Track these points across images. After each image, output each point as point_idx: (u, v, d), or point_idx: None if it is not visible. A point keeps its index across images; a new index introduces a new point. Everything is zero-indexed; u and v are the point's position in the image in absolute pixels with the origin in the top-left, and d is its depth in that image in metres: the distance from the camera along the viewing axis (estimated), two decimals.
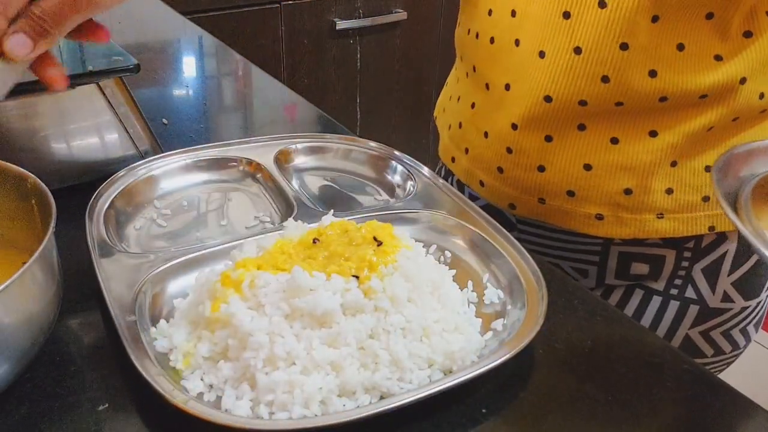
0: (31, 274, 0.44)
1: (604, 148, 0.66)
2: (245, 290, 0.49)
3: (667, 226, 0.68)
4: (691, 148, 0.66)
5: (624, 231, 0.69)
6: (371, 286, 0.49)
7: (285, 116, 1.01)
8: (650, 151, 0.66)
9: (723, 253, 0.71)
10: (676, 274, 0.72)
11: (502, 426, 0.47)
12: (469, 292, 0.57)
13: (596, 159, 0.67)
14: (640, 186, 0.67)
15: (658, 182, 0.67)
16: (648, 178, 0.67)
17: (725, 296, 0.72)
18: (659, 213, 0.68)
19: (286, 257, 0.52)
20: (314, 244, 0.53)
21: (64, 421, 0.46)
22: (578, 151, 0.68)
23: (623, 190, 0.67)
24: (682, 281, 0.72)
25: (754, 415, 0.49)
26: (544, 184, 0.70)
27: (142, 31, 1.28)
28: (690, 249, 0.71)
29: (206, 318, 0.49)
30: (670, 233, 0.69)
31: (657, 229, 0.68)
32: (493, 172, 0.74)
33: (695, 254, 0.71)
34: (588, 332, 0.55)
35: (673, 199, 0.67)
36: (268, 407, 0.45)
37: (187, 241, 0.63)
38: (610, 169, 0.67)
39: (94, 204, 0.63)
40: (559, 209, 0.71)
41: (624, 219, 0.69)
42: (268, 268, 0.50)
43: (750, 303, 0.73)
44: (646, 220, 0.68)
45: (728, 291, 0.72)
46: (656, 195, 0.67)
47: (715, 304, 0.72)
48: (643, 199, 0.68)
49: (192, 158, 0.73)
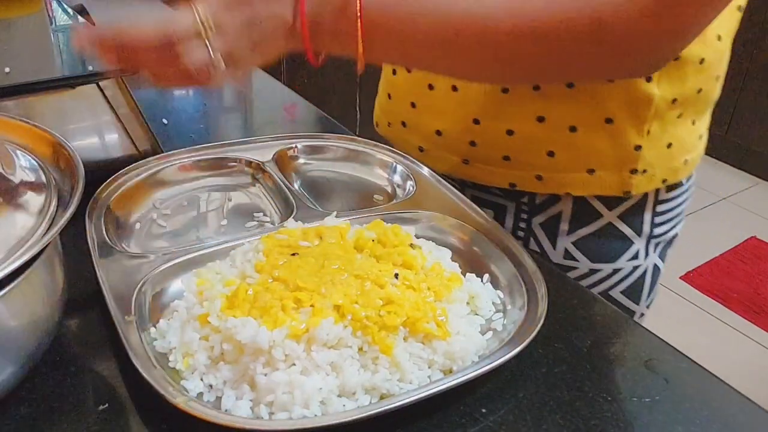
0: (36, 276, 0.44)
1: (424, 91, 0.75)
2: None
3: (474, 172, 0.76)
4: (494, 112, 0.72)
5: (438, 166, 0.76)
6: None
7: (285, 116, 1.01)
8: (455, 105, 0.73)
9: (558, 212, 0.74)
10: (518, 226, 0.77)
11: (502, 426, 0.47)
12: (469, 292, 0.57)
13: (418, 99, 0.77)
14: (448, 130, 0.75)
15: (464, 134, 0.74)
16: (455, 126, 0.74)
17: (567, 254, 0.75)
18: (465, 159, 0.75)
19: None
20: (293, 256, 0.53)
21: (64, 421, 0.46)
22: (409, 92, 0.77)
23: (435, 131, 0.76)
24: (524, 233, 0.77)
25: (754, 415, 0.49)
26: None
27: None
28: (526, 204, 0.75)
29: (201, 323, 0.49)
30: (473, 179, 0.76)
31: (465, 172, 0.76)
32: None
33: (531, 209, 0.75)
34: (588, 332, 0.56)
35: (476, 150, 0.74)
36: (268, 408, 0.45)
37: (187, 241, 0.63)
38: (427, 109, 0.76)
39: (94, 204, 0.63)
40: (395, 134, 0.82)
41: (439, 157, 0.77)
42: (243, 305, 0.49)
43: (600, 266, 0.75)
44: (454, 163, 0.76)
45: (570, 250, 0.75)
46: (462, 145, 0.74)
47: (558, 260, 0.76)
48: (450, 145, 0.76)
49: (192, 158, 0.73)
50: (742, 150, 2.90)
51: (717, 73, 0.71)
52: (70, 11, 0.85)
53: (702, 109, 0.73)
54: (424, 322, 0.49)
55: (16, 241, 0.42)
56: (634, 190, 0.71)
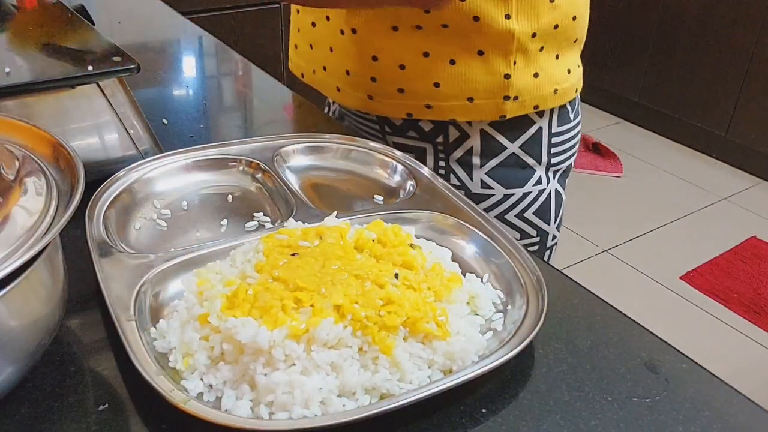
0: (37, 276, 0.44)
1: (337, 37, 0.85)
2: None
3: (378, 106, 0.87)
4: (388, 49, 0.83)
5: (351, 102, 0.90)
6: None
7: (285, 116, 1.01)
8: (357, 45, 0.84)
9: (469, 147, 0.87)
10: (438, 165, 0.89)
11: (502, 426, 0.47)
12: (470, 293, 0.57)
13: (334, 44, 0.87)
14: (354, 70, 0.86)
15: (366, 71, 0.85)
16: (359, 65, 0.85)
17: (483, 184, 0.88)
18: (369, 95, 0.87)
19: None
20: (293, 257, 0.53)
21: (64, 421, 0.46)
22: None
23: (345, 71, 0.87)
24: (445, 171, 0.89)
25: (755, 416, 0.49)
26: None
27: (142, 31, 1.28)
28: (441, 143, 0.88)
29: (201, 323, 0.49)
30: (377, 112, 0.88)
31: (371, 107, 0.88)
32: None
33: (446, 148, 0.88)
34: (588, 332, 0.56)
35: (377, 86, 0.85)
36: (268, 408, 0.45)
37: (187, 241, 0.63)
38: (340, 53, 0.86)
39: (94, 204, 0.63)
40: (319, 79, 0.93)
41: (350, 94, 0.89)
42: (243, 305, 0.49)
43: (513, 191, 0.89)
44: (362, 99, 0.88)
45: (485, 180, 0.88)
46: (366, 82, 0.86)
47: (476, 190, 0.89)
48: (357, 83, 0.87)
49: (192, 158, 0.73)
50: (742, 150, 2.90)
51: (573, 13, 0.83)
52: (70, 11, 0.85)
53: (564, 45, 0.85)
54: (424, 322, 0.49)
55: (16, 241, 0.42)
56: (508, 114, 0.84)
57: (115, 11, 1.32)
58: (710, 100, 2.95)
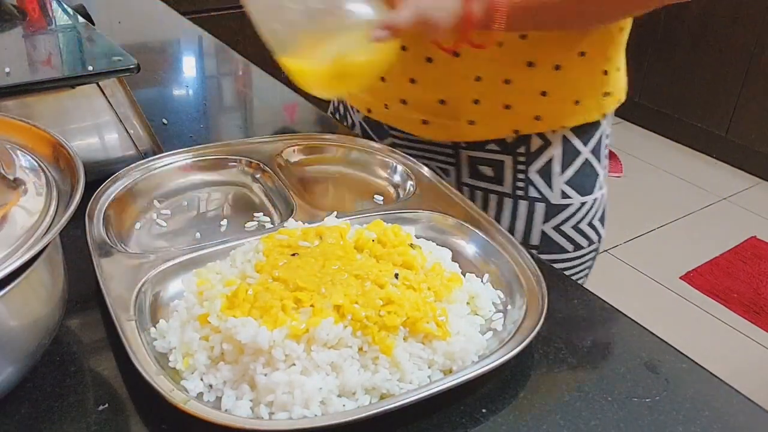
0: (37, 276, 0.44)
1: (423, 66, 0.80)
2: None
3: (479, 130, 0.83)
4: (492, 65, 0.79)
5: (443, 134, 0.85)
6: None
7: (285, 116, 1.01)
8: (457, 70, 0.79)
9: (550, 157, 0.84)
10: (516, 177, 0.85)
11: (502, 426, 0.47)
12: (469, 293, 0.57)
13: (418, 74, 0.81)
14: (451, 97, 0.81)
15: (468, 94, 0.81)
16: (458, 90, 0.81)
17: (563, 194, 0.85)
18: (470, 121, 0.82)
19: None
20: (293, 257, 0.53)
21: (64, 421, 0.46)
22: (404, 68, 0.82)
23: (438, 101, 0.82)
24: (524, 183, 0.85)
25: (755, 415, 0.49)
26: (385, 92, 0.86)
27: (142, 31, 1.28)
28: (522, 154, 0.84)
29: (201, 323, 0.49)
30: (478, 137, 0.84)
31: (469, 134, 0.83)
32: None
33: (528, 158, 0.84)
34: (588, 332, 0.56)
35: (479, 108, 0.81)
36: (268, 408, 0.45)
37: (187, 241, 0.63)
38: (428, 82, 0.81)
39: (94, 204, 0.63)
40: (395, 114, 0.86)
41: (442, 125, 0.83)
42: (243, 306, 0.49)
43: (586, 199, 0.86)
44: (456, 128, 0.83)
45: (564, 189, 0.85)
46: (467, 106, 0.81)
47: (557, 200, 0.85)
48: (454, 110, 0.82)
49: (192, 158, 0.73)
50: (742, 150, 2.90)
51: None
52: (70, 11, 0.85)
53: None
54: (424, 322, 0.49)
55: (16, 241, 0.42)
56: (607, 111, 0.83)
57: (115, 11, 1.32)
58: (710, 100, 2.95)
